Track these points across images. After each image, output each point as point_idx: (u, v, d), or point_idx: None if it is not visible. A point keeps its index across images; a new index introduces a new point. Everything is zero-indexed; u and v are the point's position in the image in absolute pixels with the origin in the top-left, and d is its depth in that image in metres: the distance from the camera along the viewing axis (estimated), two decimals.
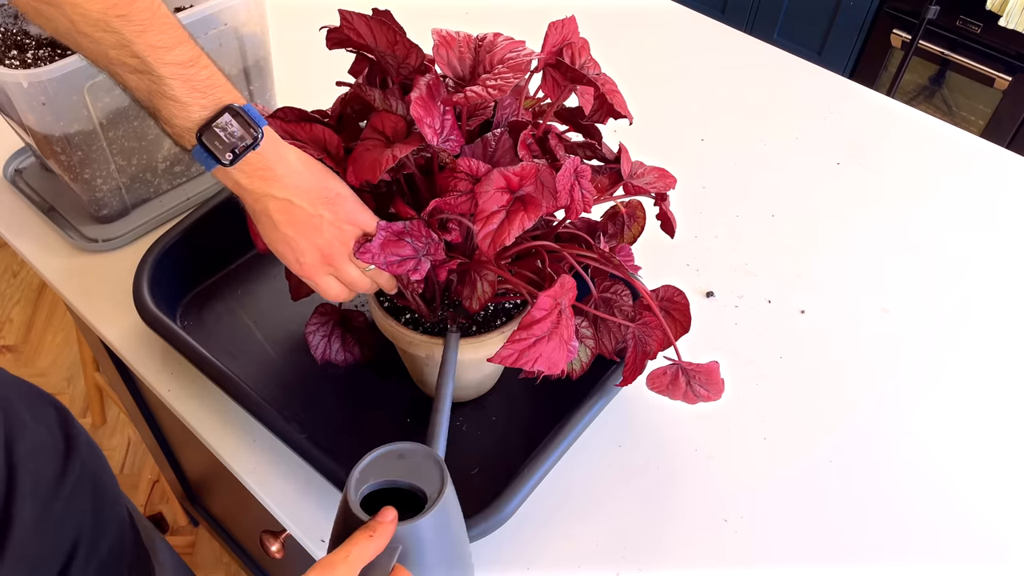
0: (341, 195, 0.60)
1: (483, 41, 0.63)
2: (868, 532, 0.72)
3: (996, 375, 0.85)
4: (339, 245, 0.60)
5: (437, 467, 0.52)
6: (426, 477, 0.52)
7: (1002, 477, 0.77)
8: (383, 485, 0.52)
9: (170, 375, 0.80)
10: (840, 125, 1.13)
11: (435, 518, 0.50)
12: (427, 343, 0.68)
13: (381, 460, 0.52)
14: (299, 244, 0.59)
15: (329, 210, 0.59)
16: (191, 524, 1.60)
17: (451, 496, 0.52)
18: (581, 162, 0.62)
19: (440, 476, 0.52)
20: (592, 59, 0.67)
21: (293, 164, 0.58)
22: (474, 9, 1.29)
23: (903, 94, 2.08)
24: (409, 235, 0.60)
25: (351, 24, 0.60)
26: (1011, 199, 1.04)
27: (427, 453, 0.53)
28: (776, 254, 0.95)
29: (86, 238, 0.90)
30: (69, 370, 1.87)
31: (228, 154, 0.54)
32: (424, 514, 0.50)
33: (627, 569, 0.69)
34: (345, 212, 0.59)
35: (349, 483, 0.51)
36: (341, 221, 0.59)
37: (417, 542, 0.50)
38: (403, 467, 0.52)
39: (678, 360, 0.64)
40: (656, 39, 1.27)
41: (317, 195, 0.58)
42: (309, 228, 0.59)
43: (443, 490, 0.51)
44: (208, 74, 0.53)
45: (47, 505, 0.58)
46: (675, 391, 0.65)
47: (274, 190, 0.57)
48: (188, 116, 0.53)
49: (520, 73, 0.59)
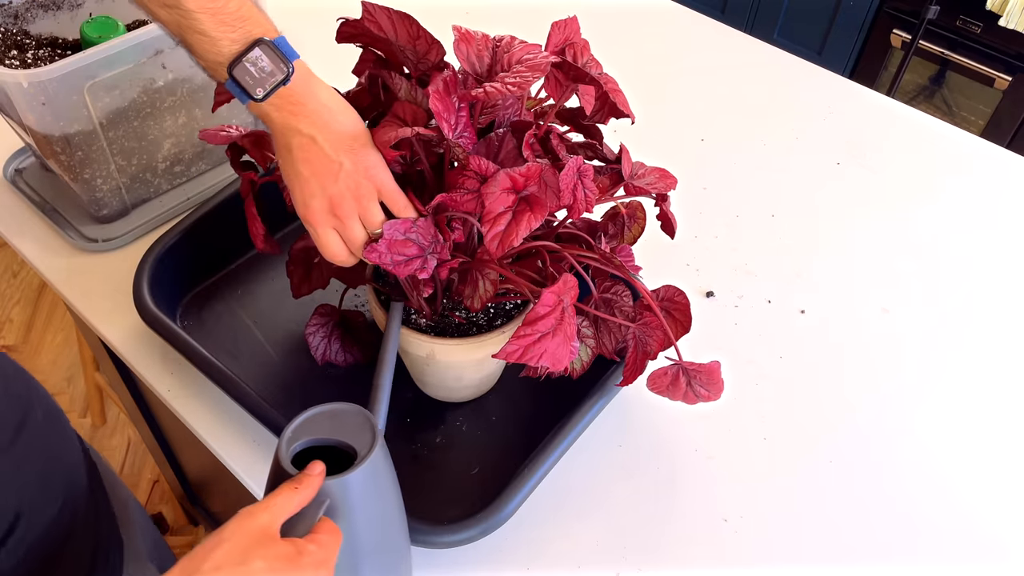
0: (366, 146, 0.58)
1: (500, 42, 0.63)
2: (868, 532, 0.72)
3: (997, 375, 0.85)
4: (351, 198, 0.58)
5: (369, 425, 0.53)
6: (358, 436, 0.52)
7: (1003, 477, 0.77)
8: (316, 443, 0.52)
9: (170, 375, 0.80)
10: (840, 125, 1.13)
11: (364, 474, 0.51)
12: (427, 343, 0.68)
13: (315, 419, 0.53)
14: (311, 185, 0.57)
15: (350, 158, 0.57)
16: (191, 524, 1.60)
17: (382, 455, 0.53)
18: (583, 162, 0.62)
19: (371, 434, 0.52)
20: (594, 59, 0.67)
21: (324, 101, 0.57)
22: (474, 9, 1.29)
23: (903, 94, 2.08)
24: (416, 233, 0.60)
25: (372, 17, 0.60)
26: (1011, 199, 1.04)
27: (360, 412, 0.54)
28: (776, 254, 0.95)
29: (86, 238, 0.90)
30: (69, 370, 1.87)
31: (259, 89, 0.54)
32: (353, 469, 0.50)
33: (627, 569, 0.69)
34: (365, 164, 0.57)
35: (281, 440, 0.51)
36: (359, 173, 0.57)
37: (345, 497, 0.51)
38: (336, 426, 0.53)
39: (679, 360, 0.64)
40: (656, 39, 1.27)
41: (341, 140, 0.57)
42: (326, 172, 0.57)
43: (373, 447, 0.51)
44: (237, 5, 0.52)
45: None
46: (675, 392, 0.65)
47: (301, 125, 0.56)
48: (219, 51, 0.52)
49: (539, 73, 0.59)
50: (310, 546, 0.47)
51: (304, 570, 0.46)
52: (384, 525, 0.56)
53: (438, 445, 0.76)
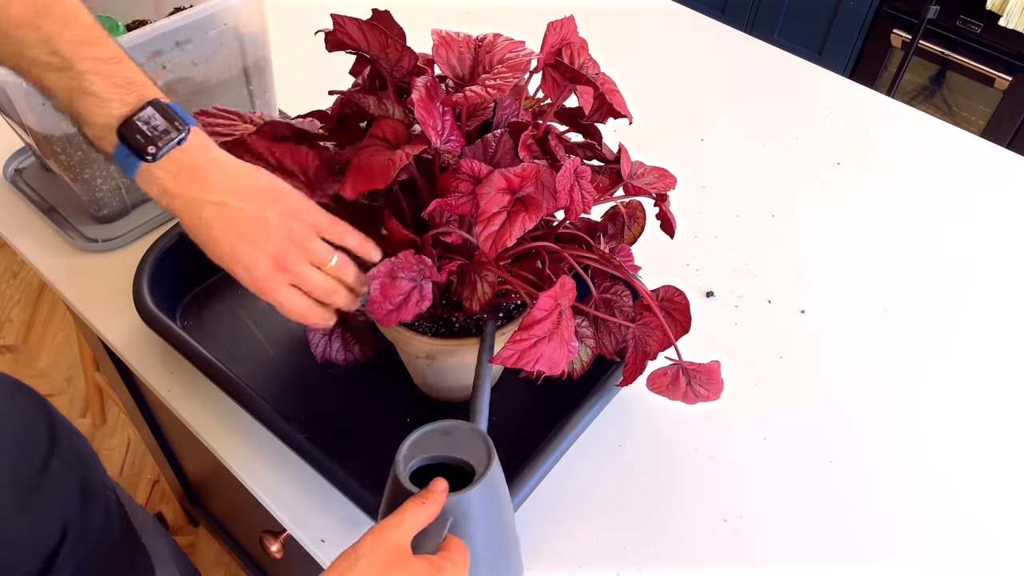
0: (283, 192, 0.55)
1: (483, 41, 0.63)
2: (868, 531, 0.72)
3: (997, 375, 0.85)
4: (291, 246, 0.54)
5: (483, 442, 0.53)
6: (473, 452, 0.53)
7: (1006, 477, 0.77)
8: (430, 461, 0.53)
9: (170, 375, 0.80)
10: (840, 125, 1.13)
11: (483, 490, 0.51)
12: (427, 344, 0.68)
13: (427, 437, 0.53)
14: (246, 252, 0.53)
15: (273, 209, 0.53)
16: (191, 524, 1.60)
17: (498, 470, 0.53)
18: (581, 162, 0.62)
19: (487, 450, 0.53)
20: (591, 59, 0.67)
21: (227, 165, 0.53)
22: (474, 9, 1.29)
23: (903, 94, 2.08)
24: (400, 269, 0.60)
25: (343, 28, 0.60)
26: (1011, 199, 1.04)
27: (472, 429, 0.54)
28: (776, 254, 0.95)
29: (86, 238, 0.90)
30: (69, 370, 1.87)
31: (151, 147, 0.50)
32: (473, 485, 0.50)
33: (627, 569, 0.69)
34: (291, 207, 0.54)
35: (397, 459, 0.51)
36: (288, 218, 0.54)
37: (467, 513, 0.51)
38: (449, 443, 0.53)
39: (679, 360, 0.64)
40: (656, 39, 1.27)
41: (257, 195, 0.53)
42: (254, 231, 0.53)
43: (490, 463, 0.52)
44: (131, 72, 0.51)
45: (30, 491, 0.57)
46: (675, 391, 0.65)
47: (207, 194, 0.52)
48: (109, 112, 0.50)
49: (520, 73, 0.59)
50: (445, 563, 0.47)
51: None
52: (503, 540, 0.57)
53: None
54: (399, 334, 0.69)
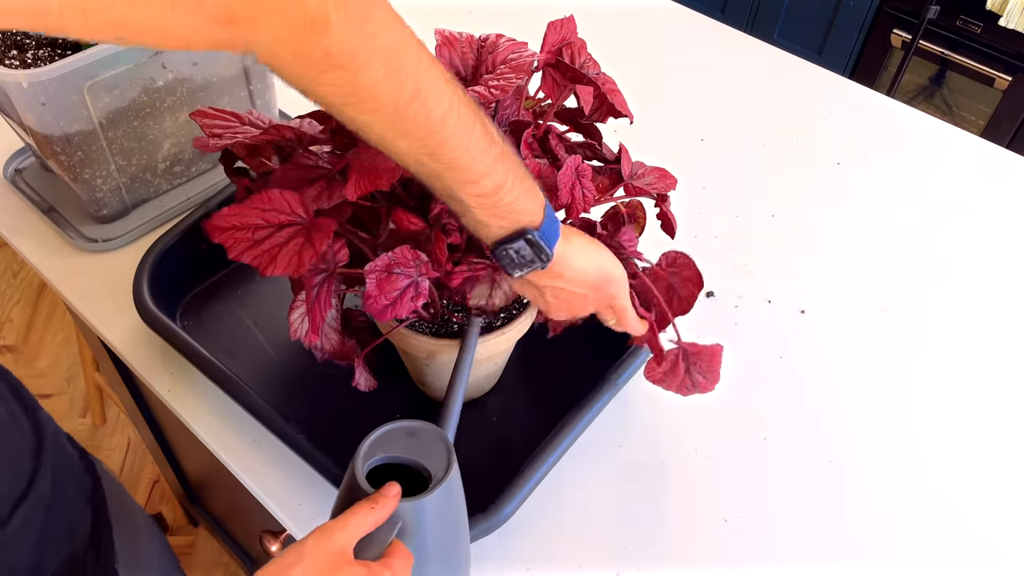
0: (613, 280, 0.63)
1: (485, 42, 0.63)
2: (868, 531, 0.72)
3: (997, 375, 0.85)
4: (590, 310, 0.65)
5: (445, 448, 0.53)
6: (433, 457, 0.52)
7: (1006, 477, 0.77)
8: (389, 460, 0.52)
9: (170, 375, 0.80)
10: (840, 125, 1.13)
11: (439, 498, 0.50)
12: (427, 343, 0.68)
13: (390, 435, 0.53)
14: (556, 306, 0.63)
15: (595, 291, 0.62)
16: (191, 524, 1.60)
17: (456, 479, 0.52)
18: (582, 161, 0.62)
19: (447, 457, 0.52)
20: (591, 58, 0.67)
21: (579, 268, 0.60)
22: (477, 8, 1.29)
23: (903, 94, 2.08)
24: (397, 265, 0.60)
25: None
26: (1011, 199, 1.04)
27: (436, 433, 0.53)
28: (776, 254, 0.95)
29: (86, 238, 0.90)
30: (69, 370, 1.87)
31: (517, 271, 0.58)
32: (428, 492, 0.50)
33: (627, 569, 0.69)
34: (608, 293, 0.63)
35: (357, 455, 0.51)
36: (603, 298, 0.63)
37: (418, 520, 0.50)
38: (411, 445, 0.53)
39: (679, 341, 0.64)
40: (656, 39, 1.27)
41: (592, 283, 0.62)
42: (573, 300, 0.62)
43: (449, 471, 0.51)
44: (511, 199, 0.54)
45: None
46: (673, 379, 0.65)
47: (555, 283, 0.60)
48: (488, 233, 0.56)
49: (522, 74, 0.59)
50: (384, 572, 0.48)
51: None
52: (452, 547, 0.56)
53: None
54: (399, 334, 0.69)
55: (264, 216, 0.59)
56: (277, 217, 0.59)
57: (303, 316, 0.68)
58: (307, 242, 0.59)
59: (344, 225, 0.65)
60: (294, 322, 0.67)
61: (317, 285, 0.62)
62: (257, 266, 0.59)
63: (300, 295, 0.72)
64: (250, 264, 0.60)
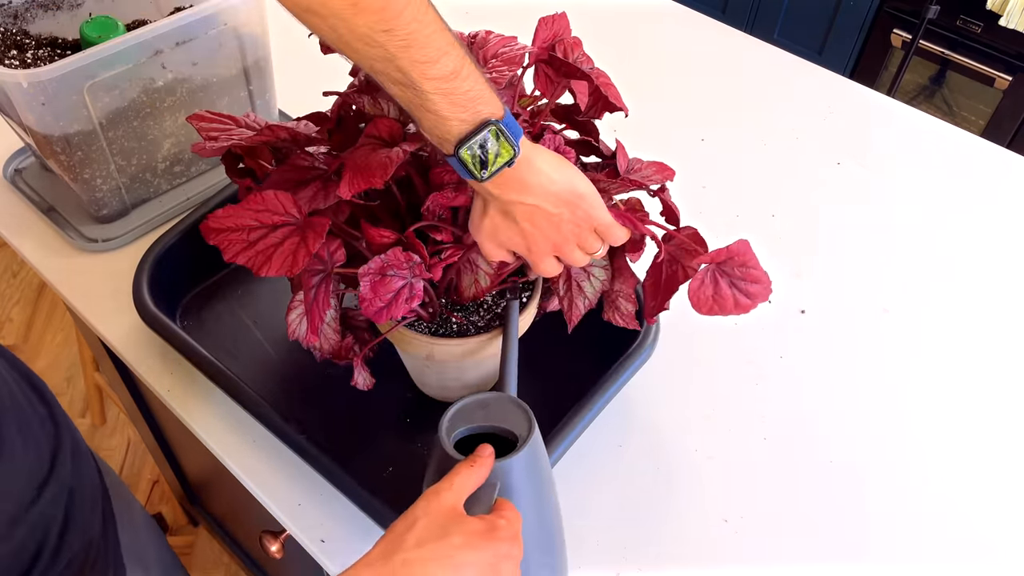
0: (584, 195, 0.60)
1: (475, 38, 0.63)
2: (868, 531, 0.72)
3: (997, 375, 0.85)
4: (572, 239, 0.62)
5: (522, 410, 0.54)
6: (513, 421, 0.54)
7: (1006, 477, 0.77)
8: (472, 431, 0.54)
9: (170, 375, 0.80)
10: (840, 125, 1.13)
11: (527, 456, 0.52)
12: (426, 343, 0.68)
13: (466, 409, 0.55)
14: (535, 238, 0.60)
15: (569, 209, 0.59)
16: (191, 524, 1.60)
17: (538, 437, 0.54)
18: (577, 157, 0.62)
19: (527, 418, 0.54)
20: (585, 55, 0.66)
21: (545, 172, 0.58)
22: (474, 8, 1.29)
23: (903, 94, 2.08)
24: (391, 267, 0.60)
25: None
26: (1011, 199, 1.04)
27: (510, 399, 0.55)
28: (776, 254, 0.95)
29: (86, 238, 0.90)
30: (69, 370, 1.87)
31: (484, 171, 0.55)
32: (517, 451, 0.52)
33: (627, 569, 0.69)
34: (584, 212, 0.60)
35: (440, 430, 0.53)
36: (580, 220, 0.60)
37: (512, 478, 0.52)
38: (488, 415, 0.54)
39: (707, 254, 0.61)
40: (657, 39, 1.27)
41: (560, 197, 0.59)
42: (548, 226, 0.60)
43: (532, 430, 0.53)
44: (470, 85, 0.53)
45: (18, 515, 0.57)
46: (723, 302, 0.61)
47: (524, 197, 0.58)
48: (448, 129, 0.54)
49: (514, 67, 0.59)
50: (500, 521, 0.49)
51: (500, 543, 0.48)
52: (547, 504, 0.58)
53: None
54: (398, 333, 0.69)
55: (258, 217, 0.59)
56: (271, 218, 0.59)
57: (301, 316, 0.68)
58: (301, 242, 0.59)
59: (341, 226, 0.65)
60: (292, 322, 0.67)
61: (315, 286, 0.62)
62: (252, 267, 0.59)
63: (298, 295, 0.72)
64: (245, 265, 0.60)
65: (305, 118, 0.69)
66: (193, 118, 0.67)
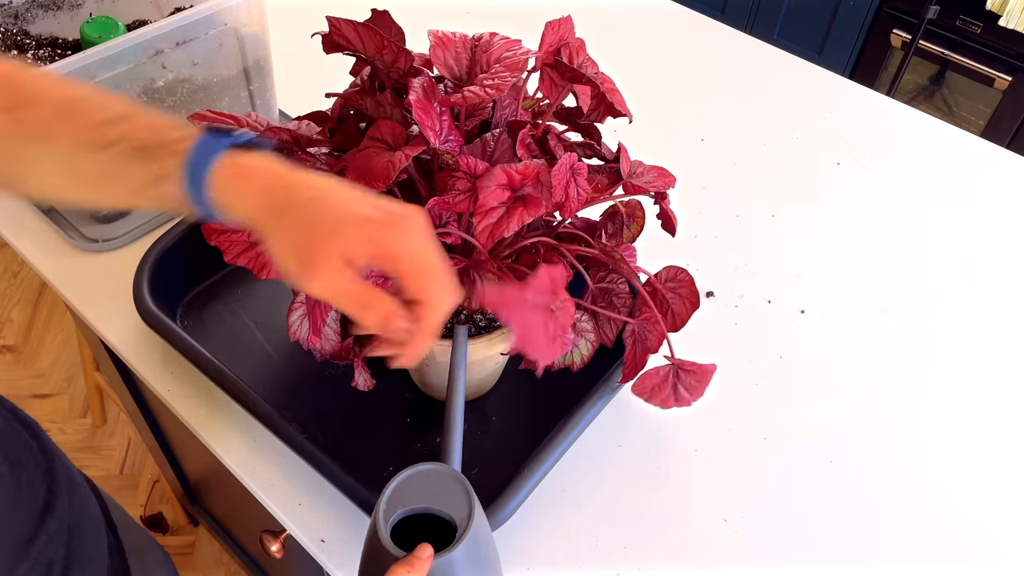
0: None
1: (479, 41, 0.63)
2: (868, 531, 0.72)
3: (996, 375, 0.85)
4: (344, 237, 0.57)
5: (462, 488, 0.51)
6: (453, 501, 0.50)
7: (1007, 477, 0.77)
8: (409, 513, 0.50)
9: (170, 375, 0.80)
10: (840, 125, 1.13)
11: (467, 547, 0.49)
12: None
13: (405, 485, 0.51)
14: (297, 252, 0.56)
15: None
16: (191, 524, 1.60)
17: (481, 519, 0.50)
18: (578, 159, 0.62)
19: (468, 500, 0.50)
20: (590, 58, 0.67)
21: None
22: (474, 9, 1.29)
23: (903, 94, 2.08)
24: None
25: (339, 30, 0.60)
26: (1011, 199, 1.04)
27: (452, 475, 0.51)
28: (776, 254, 0.95)
29: (86, 238, 0.90)
30: (69, 370, 1.87)
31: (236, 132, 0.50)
32: (456, 545, 0.48)
33: (627, 569, 0.69)
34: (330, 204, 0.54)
35: (377, 515, 0.49)
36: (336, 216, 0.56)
37: (454, 571, 0.49)
38: (428, 491, 0.50)
39: (672, 358, 0.64)
40: (656, 39, 1.27)
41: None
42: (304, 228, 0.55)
43: (472, 515, 0.49)
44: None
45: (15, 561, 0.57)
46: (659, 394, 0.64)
47: None
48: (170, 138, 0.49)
49: (517, 72, 0.59)
50: None
51: None
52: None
53: (438, 445, 0.76)
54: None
55: None
56: None
57: (302, 317, 0.68)
58: None
59: None
60: (294, 324, 0.67)
61: None
62: (253, 269, 0.59)
63: (299, 296, 0.72)
64: (246, 267, 0.59)
65: (305, 117, 0.69)
66: (195, 117, 0.67)
